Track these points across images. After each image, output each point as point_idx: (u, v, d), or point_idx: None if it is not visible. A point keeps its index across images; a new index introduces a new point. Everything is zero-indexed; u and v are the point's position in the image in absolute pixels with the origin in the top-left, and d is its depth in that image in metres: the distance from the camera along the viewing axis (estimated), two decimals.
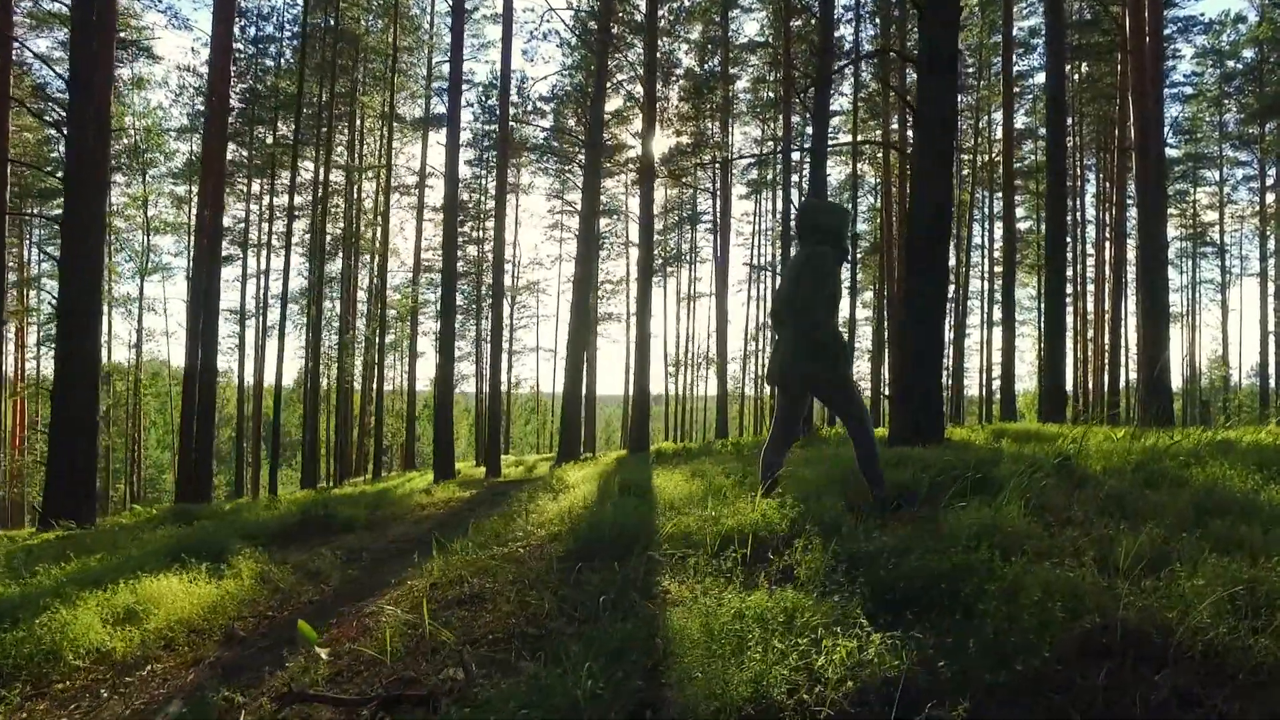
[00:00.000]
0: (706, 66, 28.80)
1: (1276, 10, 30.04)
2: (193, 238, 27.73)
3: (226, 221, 33.56)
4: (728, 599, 2.77)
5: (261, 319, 30.10)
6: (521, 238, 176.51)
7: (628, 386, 34.46)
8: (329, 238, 31.04)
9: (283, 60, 25.97)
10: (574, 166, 33.89)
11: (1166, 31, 30.89)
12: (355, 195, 33.25)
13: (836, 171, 31.61)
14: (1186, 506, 3.78)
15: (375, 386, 30.89)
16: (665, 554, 3.90)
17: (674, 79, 30.70)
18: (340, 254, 33.13)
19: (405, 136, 34.67)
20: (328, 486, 22.70)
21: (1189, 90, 34.98)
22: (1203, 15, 39.59)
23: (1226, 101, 35.02)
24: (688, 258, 37.30)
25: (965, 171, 33.27)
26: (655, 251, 36.67)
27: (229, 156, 32.44)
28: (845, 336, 4.60)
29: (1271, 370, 36.36)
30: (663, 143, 28.57)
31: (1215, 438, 6.55)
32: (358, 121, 32.41)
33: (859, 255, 34.90)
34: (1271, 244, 34.92)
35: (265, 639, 4.14)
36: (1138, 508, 3.90)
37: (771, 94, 29.27)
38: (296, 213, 29.34)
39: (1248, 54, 32.92)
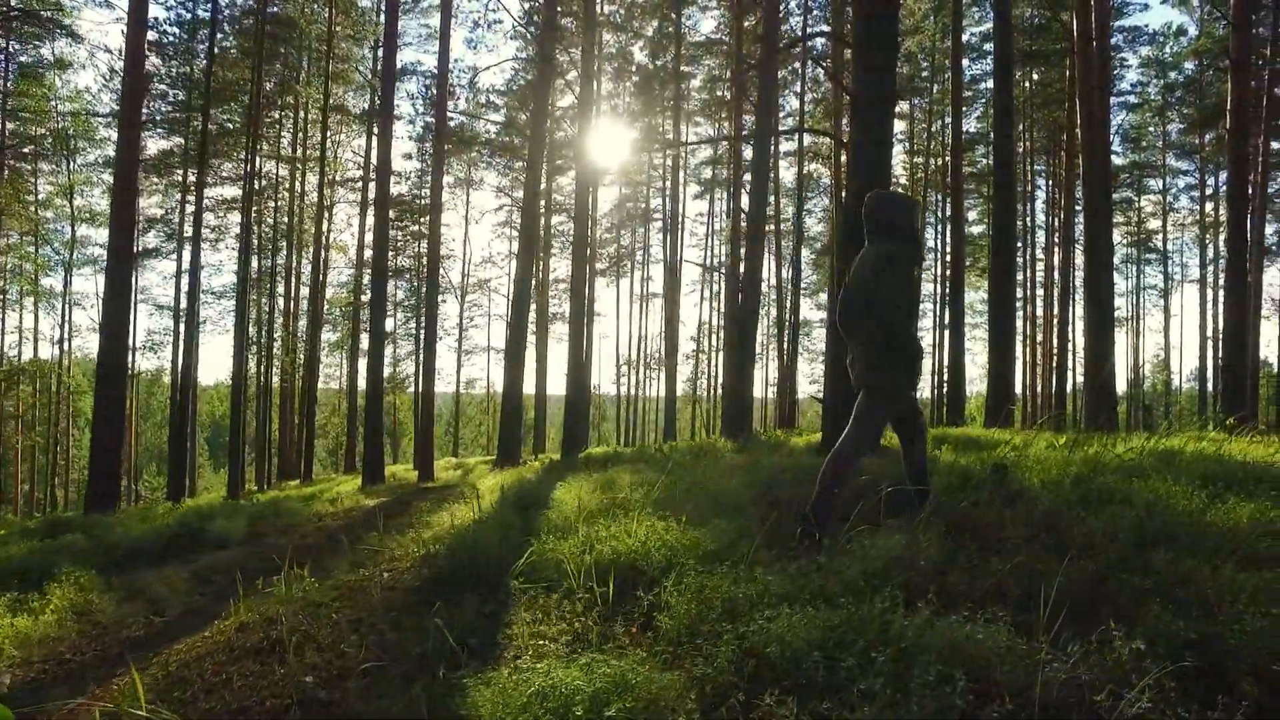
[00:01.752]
0: (659, 62, 28.25)
1: (1215, 24, 30.53)
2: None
3: (157, 212, 32.30)
4: (541, 670, 2.15)
5: (193, 314, 28.70)
6: (473, 235, 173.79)
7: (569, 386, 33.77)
8: (270, 231, 29.79)
9: (213, 44, 24.70)
10: (524, 162, 33.06)
11: (1114, 40, 31.27)
12: (301, 188, 31.99)
13: (790, 173, 31.29)
14: (1127, 532, 3.27)
15: (313, 385, 29.64)
16: (525, 588, 3.28)
17: (626, 74, 30.14)
18: (284, 248, 31.87)
19: (351, 129, 33.54)
20: (255, 490, 21.61)
21: (1134, 99, 35.49)
22: (1147, 26, 40.41)
23: (1169, 112, 35.58)
24: (640, 257, 36.75)
25: (919, 175, 33.30)
26: (609, 250, 36.11)
27: (165, 145, 31.15)
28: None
29: (1210, 375, 37.07)
30: (613, 139, 27.95)
31: (1158, 446, 6.14)
32: (301, 112, 31.19)
33: (811, 256, 34.72)
34: (1211, 251, 35.59)
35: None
36: (1073, 533, 3.39)
37: (725, 93, 28.84)
38: (235, 205, 28.10)
39: (1189, 66, 33.46)
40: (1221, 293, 26.54)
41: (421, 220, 36.78)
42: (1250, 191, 20.23)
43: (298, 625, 3.19)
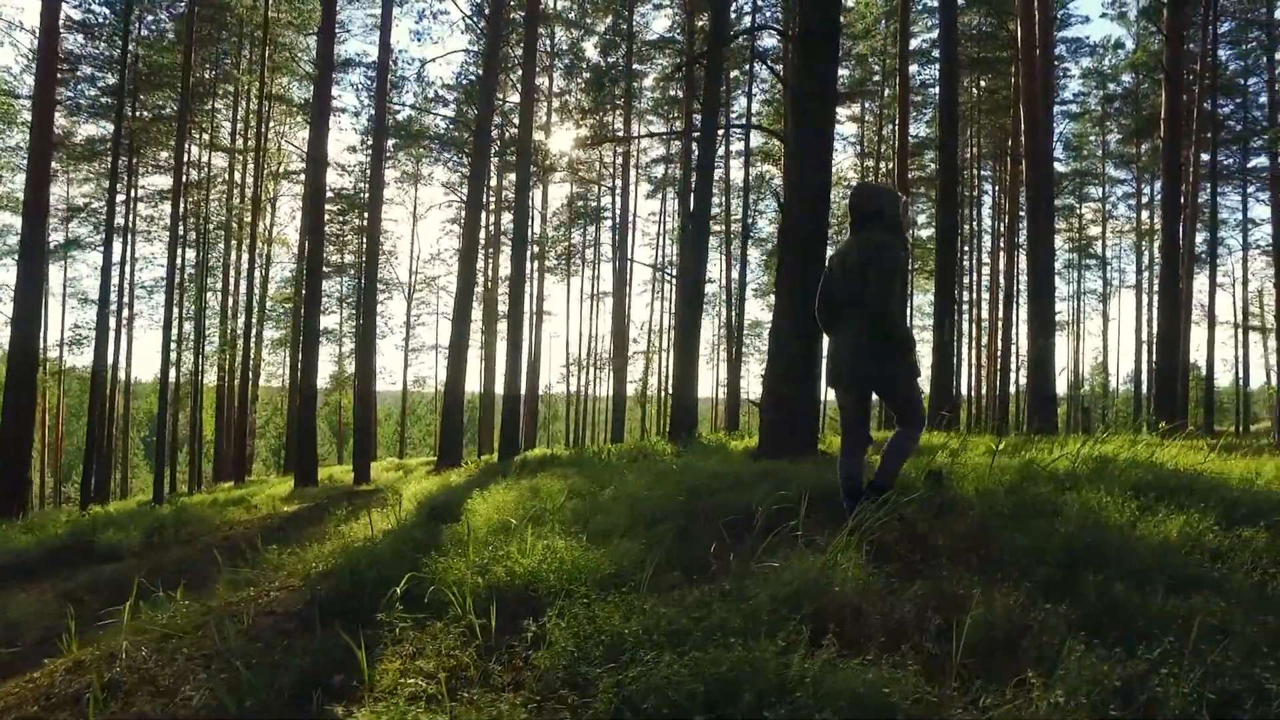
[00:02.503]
0: (610, 59, 27.94)
1: (1150, 39, 31.40)
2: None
3: (86, 202, 30.83)
4: None
5: (120, 307, 27.47)
6: (422, 231, 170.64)
7: (530, 386, 33.26)
8: (205, 224, 28.66)
9: (127, 22, 23.55)
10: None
11: (1058, 51, 31.96)
12: (242, 180, 30.83)
13: (742, 174, 31.25)
14: (1056, 550, 3.07)
15: (248, 383, 28.61)
16: (406, 616, 2.95)
17: (578, 71, 29.77)
18: (221, 242, 30.72)
19: (295, 120, 32.49)
20: (183, 493, 20.71)
21: (1076, 109, 36.39)
22: (1088, 38, 41.55)
23: (1109, 122, 36.55)
24: (591, 256, 36.39)
25: (869, 178, 33.57)
26: (560, 248, 35.65)
27: (94, 132, 29.73)
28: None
29: (1145, 377, 38.21)
30: (564, 136, 27.56)
31: (1093, 452, 6.04)
32: (243, 102, 30.08)
33: (763, 258, 34.78)
34: (1146, 258, 36.65)
35: None
36: (1001, 551, 3.19)
37: (677, 92, 28.65)
38: (169, 195, 26.90)
39: (1126, 78, 34.41)
40: (1156, 298, 27.31)
41: (365, 215, 35.88)
42: (1182, 201, 20.82)
43: (141, 663, 2.81)
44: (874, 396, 4.53)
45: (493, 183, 32.99)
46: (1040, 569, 2.82)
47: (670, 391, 23.90)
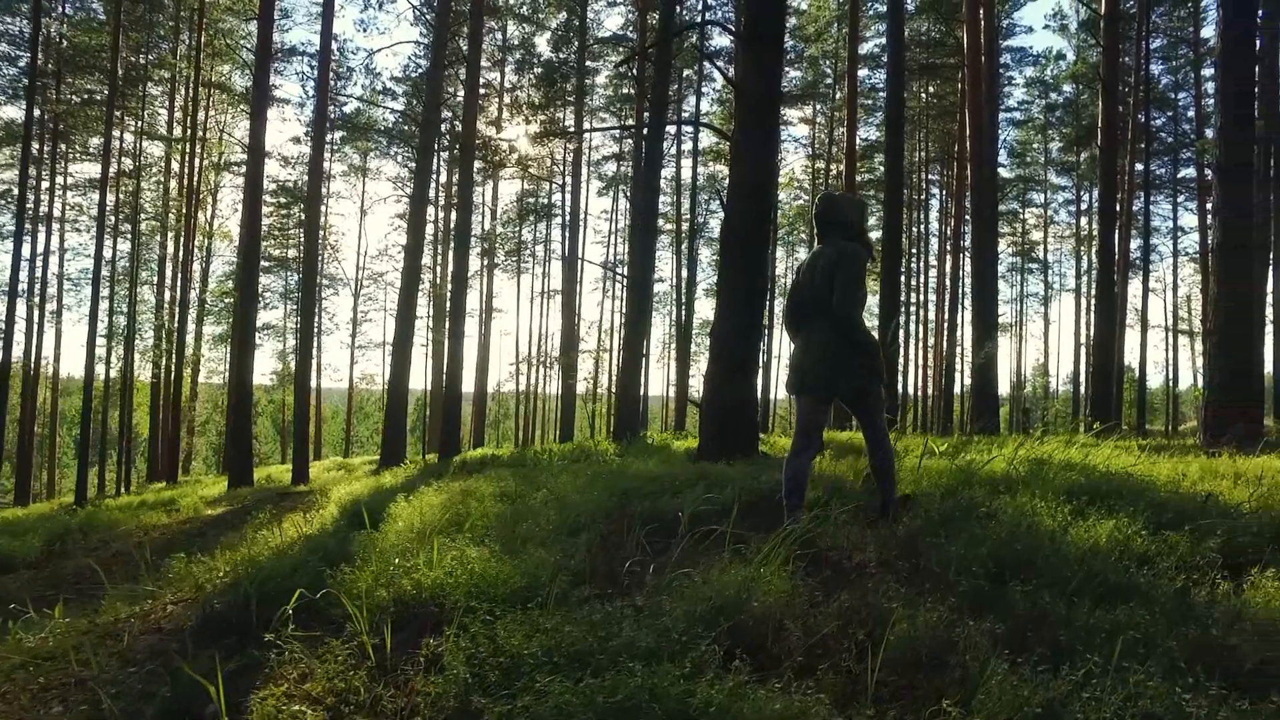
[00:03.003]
0: (561, 55, 27.66)
1: (1090, 51, 32.32)
2: None
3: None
4: None
5: (43, 299, 26.28)
6: (370, 226, 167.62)
7: (479, 384, 32.75)
8: (135, 214, 27.48)
9: (66, 4, 22.52)
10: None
11: (1003, 60, 32.70)
12: (181, 170, 29.67)
13: (697, 173, 31.26)
14: (987, 559, 2.99)
15: (180, 380, 27.58)
16: (296, 634, 2.73)
17: (529, 66, 29.43)
18: (157, 233, 29.52)
19: (237, 110, 31.41)
20: (108, 494, 19.83)
21: (1020, 116, 37.26)
22: (1032, 48, 42.65)
23: (1051, 130, 37.54)
24: (541, 253, 36.01)
25: (819, 180, 33.89)
26: (509, 245, 35.19)
27: (15, 114, 28.28)
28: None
29: (1083, 379, 39.38)
30: (513, 131, 27.18)
31: (1029, 454, 6.06)
32: (182, 89, 28.94)
33: (714, 257, 34.86)
34: (1085, 263, 37.74)
35: None
36: (931, 559, 3.09)
37: (629, 89, 28.51)
38: (110, 185, 25.70)
39: (1067, 88, 35.36)
40: (1093, 302, 28.11)
41: (325, 211, 34.93)
42: (1118, 209, 21.44)
43: None
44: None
45: (443, 179, 32.44)
46: (969, 579, 2.73)
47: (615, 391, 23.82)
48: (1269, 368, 17.99)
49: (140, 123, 26.37)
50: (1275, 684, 1.99)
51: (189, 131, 28.00)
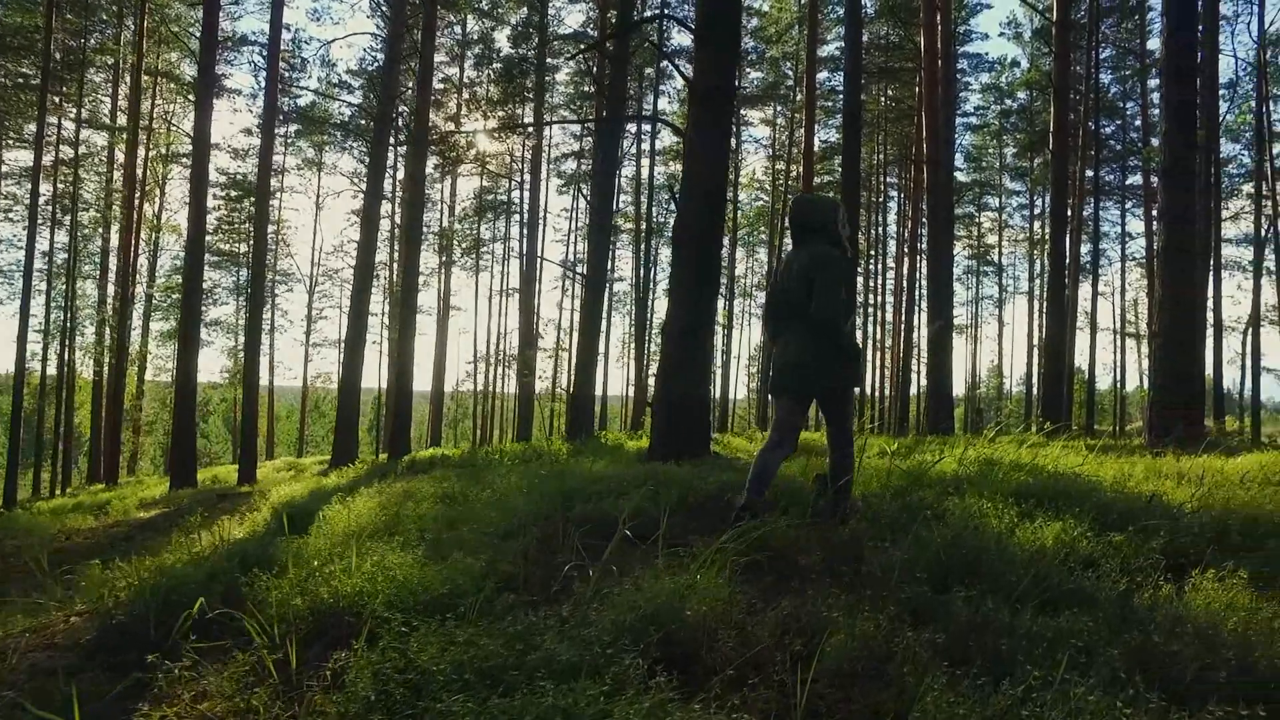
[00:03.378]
0: (520, 50, 27.37)
1: (1043, 59, 33.02)
2: None
3: None
4: None
5: None
6: (325, 222, 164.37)
7: (436, 383, 32.27)
8: (79, 205, 26.50)
9: None
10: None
11: (960, 65, 33.21)
12: (126, 161, 28.65)
13: (657, 172, 31.23)
14: (931, 563, 2.91)
15: (122, 376, 26.68)
16: (200, 649, 2.54)
17: (488, 61, 29.09)
18: (99, 224, 28.47)
19: (188, 99, 30.46)
20: (43, 497, 19.08)
21: (976, 121, 37.92)
22: (987, 54, 43.35)
23: (1006, 135, 38.26)
24: (501, 251, 35.61)
25: (779, 181, 34.07)
26: (467, 243, 34.74)
27: None
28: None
29: (1035, 380, 40.23)
30: (472, 126, 26.83)
31: (980, 455, 6.06)
32: (128, 76, 27.94)
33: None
34: (1037, 267, 38.54)
35: None
36: (875, 564, 3.00)
37: (589, 87, 28.34)
38: (47, 172, 24.66)
39: (1021, 95, 36.06)
40: (1045, 305, 28.67)
41: (276, 205, 34.09)
42: (1069, 214, 21.91)
43: None
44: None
45: (400, 175, 31.90)
46: (912, 585, 2.64)
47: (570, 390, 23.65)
48: (1208, 369, 18.51)
49: (80, 110, 25.37)
50: (1215, 692, 1.93)
51: (134, 121, 27.06)
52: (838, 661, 2.10)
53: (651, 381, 27.08)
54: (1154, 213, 22.98)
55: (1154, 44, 27.69)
